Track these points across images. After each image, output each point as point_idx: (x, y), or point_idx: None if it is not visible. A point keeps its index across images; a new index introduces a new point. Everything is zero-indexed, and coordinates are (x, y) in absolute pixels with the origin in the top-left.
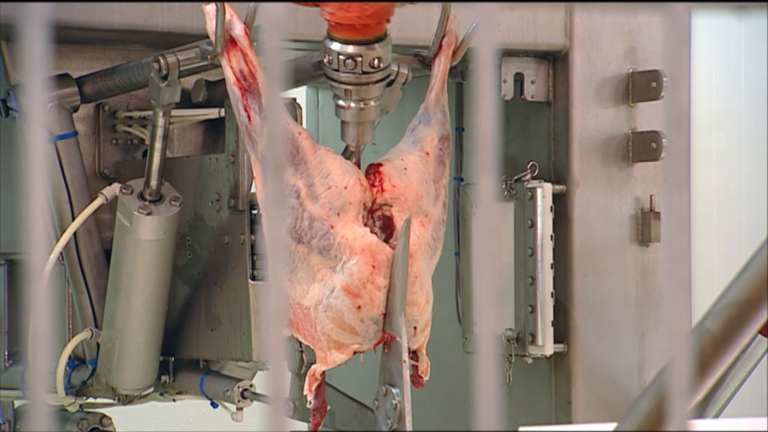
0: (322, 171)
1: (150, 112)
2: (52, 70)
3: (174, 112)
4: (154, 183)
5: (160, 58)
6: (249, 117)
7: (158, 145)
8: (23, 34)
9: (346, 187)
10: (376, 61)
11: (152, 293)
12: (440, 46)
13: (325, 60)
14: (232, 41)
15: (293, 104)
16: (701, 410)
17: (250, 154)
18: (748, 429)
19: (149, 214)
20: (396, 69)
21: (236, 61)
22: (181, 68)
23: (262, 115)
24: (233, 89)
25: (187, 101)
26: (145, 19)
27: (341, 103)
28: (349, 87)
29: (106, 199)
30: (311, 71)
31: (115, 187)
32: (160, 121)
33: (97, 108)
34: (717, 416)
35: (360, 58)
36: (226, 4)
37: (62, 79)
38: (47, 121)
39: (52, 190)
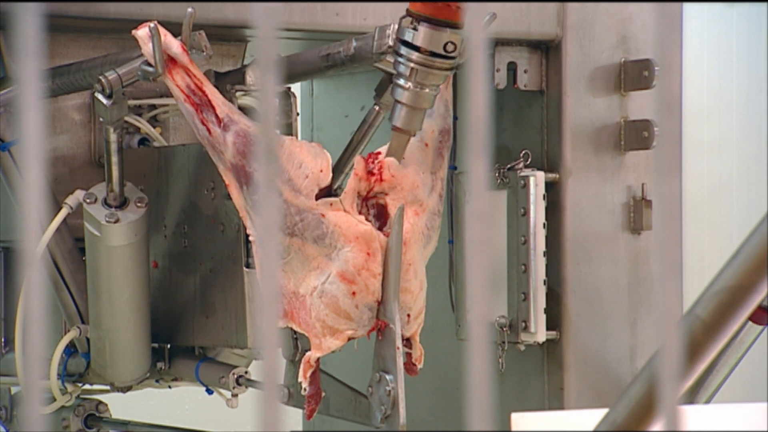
0: (294, 162)
1: (147, 101)
2: (47, 60)
3: (171, 101)
4: (117, 188)
5: (101, 78)
6: (208, 130)
7: (115, 159)
8: (18, 23)
9: (321, 170)
10: (450, 46)
11: (133, 292)
12: None
13: (391, 37)
14: (172, 59)
15: (288, 93)
16: (692, 396)
17: (218, 165)
18: (739, 415)
19: (116, 221)
20: None
21: (180, 78)
22: (125, 83)
23: (221, 124)
24: (185, 106)
25: None
26: (140, 8)
27: (401, 82)
28: (415, 66)
29: (71, 208)
30: (319, 64)
31: (79, 195)
32: (113, 137)
33: (92, 97)
34: (707, 402)
35: (435, 38)
36: (158, 25)
37: (5, 83)
38: None
39: (13, 198)
